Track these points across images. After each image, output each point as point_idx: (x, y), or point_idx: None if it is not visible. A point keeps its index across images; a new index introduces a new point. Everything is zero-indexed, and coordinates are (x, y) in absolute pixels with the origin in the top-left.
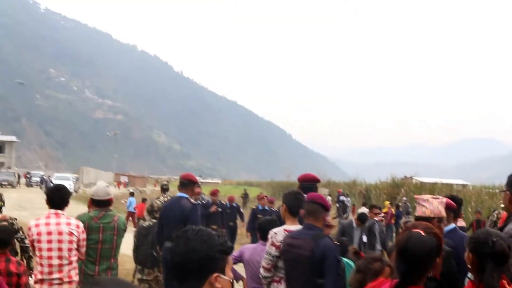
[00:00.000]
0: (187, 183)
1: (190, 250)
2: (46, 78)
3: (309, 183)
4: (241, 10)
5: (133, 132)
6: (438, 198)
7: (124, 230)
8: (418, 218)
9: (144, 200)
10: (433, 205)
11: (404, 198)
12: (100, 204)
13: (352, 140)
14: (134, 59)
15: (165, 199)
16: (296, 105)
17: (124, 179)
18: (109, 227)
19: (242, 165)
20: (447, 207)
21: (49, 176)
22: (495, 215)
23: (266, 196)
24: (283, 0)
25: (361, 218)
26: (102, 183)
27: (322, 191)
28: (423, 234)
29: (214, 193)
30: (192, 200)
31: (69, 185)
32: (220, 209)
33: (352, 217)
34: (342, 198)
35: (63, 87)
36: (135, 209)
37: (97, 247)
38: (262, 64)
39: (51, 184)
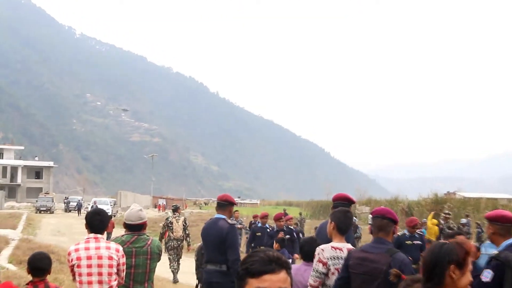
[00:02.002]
0: (224, 204)
1: None
2: (82, 103)
3: (342, 202)
4: (277, 35)
5: (170, 154)
6: None
7: (158, 254)
8: None
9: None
10: None
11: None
12: (133, 228)
13: (391, 155)
14: (170, 81)
15: (176, 218)
16: (332, 121)
17: (162, 201)
18: (142, 252)
19: (281, 185)
20: (507, 221)
21: (95, 202)
22: None
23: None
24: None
25: None
26: (135, 207)
27: (363, 209)
28: (445, 243)
29: (278, 218)
30: (230, 221)
31: (107, 209)
32: (288, 236)
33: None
34: None
35: (99, 111)
36: None
37: (130, 271)
38: (297, 81)
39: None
